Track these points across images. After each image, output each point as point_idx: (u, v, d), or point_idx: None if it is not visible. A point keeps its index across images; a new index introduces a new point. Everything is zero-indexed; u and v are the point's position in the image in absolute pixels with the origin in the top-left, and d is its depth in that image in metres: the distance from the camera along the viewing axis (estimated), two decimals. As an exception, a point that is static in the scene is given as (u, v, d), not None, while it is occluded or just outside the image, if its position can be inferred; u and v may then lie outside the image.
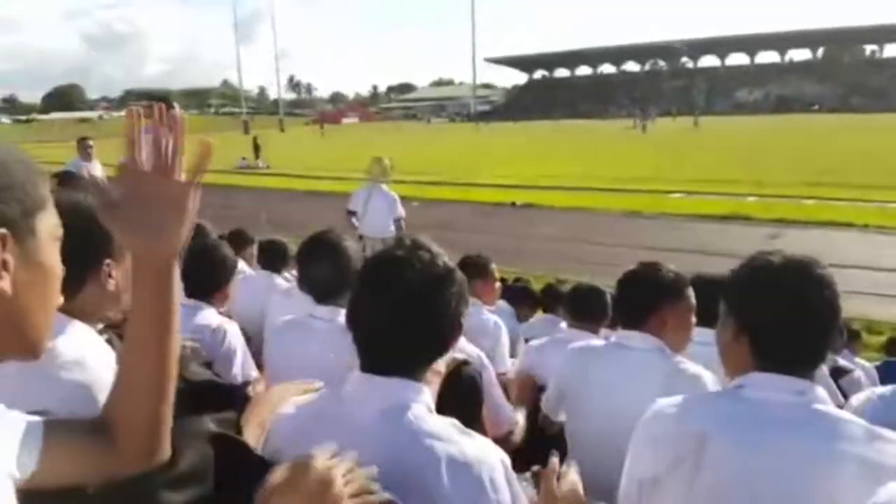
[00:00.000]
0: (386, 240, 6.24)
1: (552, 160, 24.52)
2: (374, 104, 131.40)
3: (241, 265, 3.43)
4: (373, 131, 59.50)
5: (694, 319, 2.07)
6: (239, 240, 4.09)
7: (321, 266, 2.08)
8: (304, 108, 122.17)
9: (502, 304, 3.99)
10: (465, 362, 2.01)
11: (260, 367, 2.42)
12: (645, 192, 15.37)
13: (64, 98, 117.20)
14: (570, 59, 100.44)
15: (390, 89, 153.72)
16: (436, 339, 1.18)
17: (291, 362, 2.04)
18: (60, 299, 0.81)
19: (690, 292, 2.05)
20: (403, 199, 7.01)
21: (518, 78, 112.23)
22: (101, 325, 1.37)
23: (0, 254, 0.68)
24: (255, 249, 4.12)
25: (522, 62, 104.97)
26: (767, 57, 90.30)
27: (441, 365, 1.30)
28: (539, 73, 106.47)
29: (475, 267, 2.96)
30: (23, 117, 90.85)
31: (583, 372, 2.10)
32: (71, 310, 1.16)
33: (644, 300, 2.02)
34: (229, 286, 2.53)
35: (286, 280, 3.59)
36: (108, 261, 1.33)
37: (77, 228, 0.87)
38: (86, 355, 1.26)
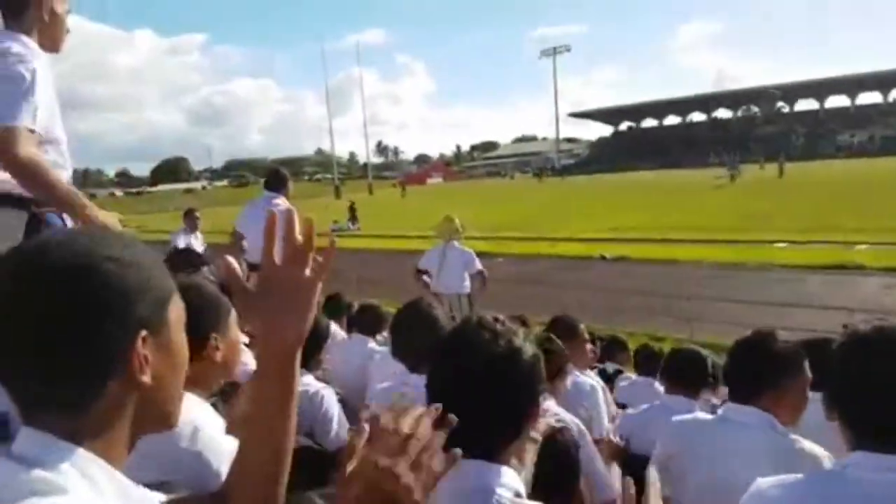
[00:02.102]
0: (462, 296, 6.27)
1: (641, 211, 23.97)
2: (457, 163, 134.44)
3: (334, 328, 3.53)
4: (456, 190, 60.72)
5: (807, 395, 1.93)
6: (335, 305, 4.22)
7: (413, 336, 2.12)
8: (391, 170, 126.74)
9: None
10: (560, 430, 1.96)
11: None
12: (743, 243, 14.63)
13: (170, 170, 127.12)
14: (658, 108, 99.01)
15: (473, 148, 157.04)
16: (508, 420, 1.17)
17: None
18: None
19: (807, 365, 1.92)
20: (486, 255, 7.06)
21: (603, 130, 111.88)
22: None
23: (140, 351, 0.76)
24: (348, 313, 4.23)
25: (607, 114, 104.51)
26: (869, 98, 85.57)
27: (534, 435, 1.27)
28: (625, 125, 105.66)
29: (563, 329, 2.90)
30: (134, 190, 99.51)
31: (688, 445, 2.00)
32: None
33: (760, 375, 1.90)
34: (323, 351, 2.61)
35: (379, 343, 3.66)
36: (214, 335, 1.42)
37: (188, 306, 0.94)
38: (199, 426, 1.33)
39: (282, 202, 5.26)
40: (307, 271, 0.87)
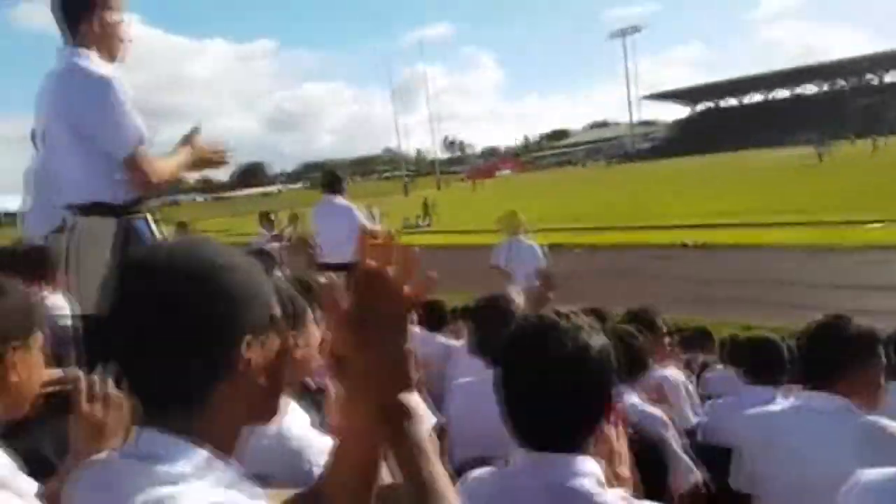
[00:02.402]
0: (533, 290, 6.23)
1: (723, 196, 22.93)
2: (526, 154, 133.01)
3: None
4: (525, 181, 60.10)
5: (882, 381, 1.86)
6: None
7: (491, 331, 2.14)
8: (458, 165, 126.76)
9: None
10: (642, 428, 1.95)
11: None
12: (834, 225, 13.77)
13: (249, 175, 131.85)
14: (740, 86, 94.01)
15: (543, 137, 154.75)
16: (582, 413, 1.18)
17: (471, 424, 2.11)
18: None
19: (882, 350, 1.85)
20: (562, 246, 6.98)
21: (681, 112, 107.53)
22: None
23: (250, 352, 0.82)
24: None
25: (685, 95, 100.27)
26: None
27: (611, 431, 1.28)
28: (704, 105, 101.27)
29: (640, 322, 2.86)
30: (215, 195, 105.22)
31: (765, 438, 1.94)
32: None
33: (833, 361, 1.84)
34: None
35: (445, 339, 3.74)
36: (293, 333, 1.51)
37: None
38: (289, 421, 1.41)
39: (342, 200, 5.63)
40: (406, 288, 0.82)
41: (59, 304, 2.55)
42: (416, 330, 3.98)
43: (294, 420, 1.45)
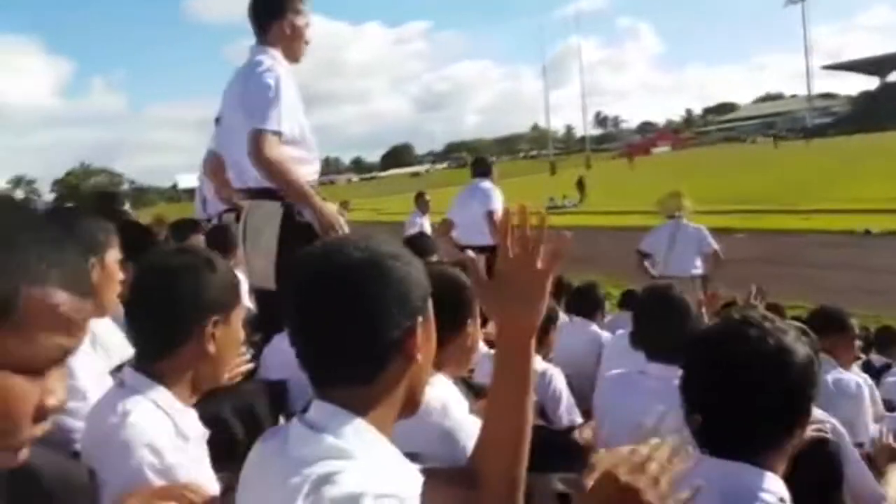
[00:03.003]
0: (694, 279, 5.79)
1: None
2: (688, 129, 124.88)
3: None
4: (686, 158, 56.48)
5: None
6: (556, 287, 4.23)
7: (660, 323, 2.04)
8: (611, 142, 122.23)
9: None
10: (822, 439, 1.77)
11: (587, 414, 2.46)
12: None
13: (397, 155, 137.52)
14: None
15: (707, 111, 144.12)
16: (774, 424, 1.13)
17: (619, 416, 2.03)
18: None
19: None
20: (725, 231, 6.43)
21: (865, 84, 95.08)
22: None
23: (417, 335, 0.89)
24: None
25: (870, 65, 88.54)
26: None
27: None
28: (893, 77, 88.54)
29: (829, 320, 2.59)
30: (366, 175, 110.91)
31: None
32: (437, 363, 1.35)
33: None
34: (551, 334, 2.66)
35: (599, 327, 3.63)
36: (469, 319, 1.52)
37: (445, 295, 1.04)
38: (447, 402, 1.44)
39: (488, 184, 5.67)
40: (539, 263, 0.95)
41: (233, 271, 2.81)
42: (566, 318, 3.91)
43: (453, 401, 1.48)
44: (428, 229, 8.23)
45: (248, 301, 2.68)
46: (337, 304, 0.85)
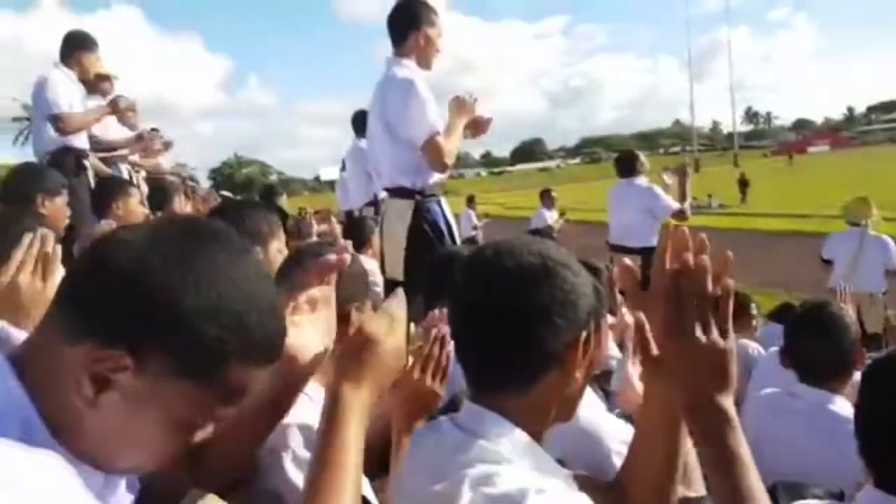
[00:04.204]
0: (876, 296, 5.15)
1: None
2: (849, 128, 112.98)
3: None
4: (847, 159, 50.98)
5: None
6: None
7: (813, 344, 1.87)
8: (761, 139, 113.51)
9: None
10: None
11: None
12: None
13: (528, 151, 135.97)
14: None
15: (871, 109, 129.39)
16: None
17: (766, 439, 1.87)
18: None
19: None
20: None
21: None
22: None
23: (580, 349, 0.86)
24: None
25: None
26: None
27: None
28: None
29: None
30: (496, 170, 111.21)
31: None
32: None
33: None
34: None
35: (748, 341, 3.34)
36: (601, 321, 1.45)
37: None
38: (590, 408, 1.38)
39: (641, 181, 5.21)
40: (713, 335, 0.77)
41: (373, 268, 2.97)
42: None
43: (594, 406, 1.44)
44: (554, 224, 8.20)
45: (380, 290, 2.81)
46: (503, 309, 0.83)
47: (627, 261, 0.88)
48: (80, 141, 4.05)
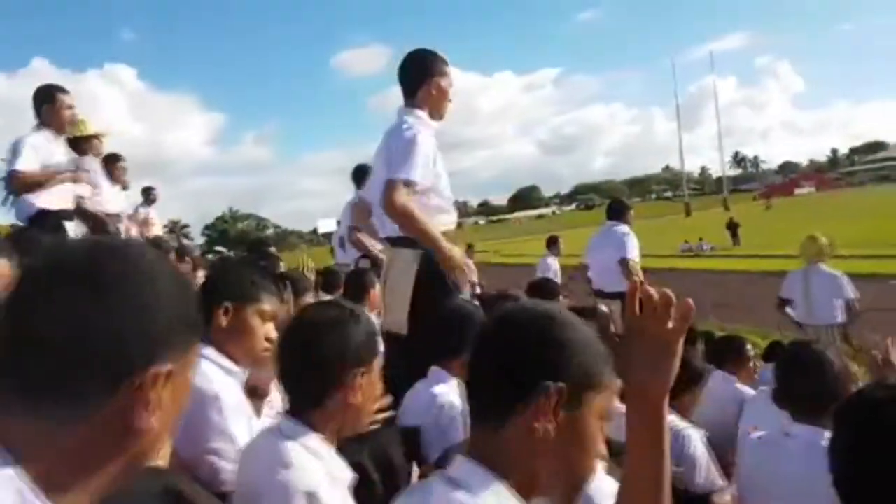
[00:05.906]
0: (833, 328, 5.25)
1: None
2: (833, 169, 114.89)
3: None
4: (831, 200, 51.71)
5: None
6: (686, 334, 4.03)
7: (802, 382, 1.91)
8: (747, 182, 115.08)
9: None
10: None
11: (730, 474, 2.32)
12: None
13: (524, 198, 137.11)
14: None
15: (853, 151, 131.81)
16: None
17: (763, 481, 1.93)
18: None
19: None
20: (877, 277, 5.73)
21: None
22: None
23: (553, 399, 0.90)
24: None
25: None
26: None
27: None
28: None
29: None
30: (494, 217, 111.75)
31: None
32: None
33: None
34: (690, 395, 2.53)
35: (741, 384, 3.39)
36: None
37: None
38: None
39: (623, 228, 5.53)
40: (669, 324, 0.94)
41: (373, 322, 2.96)
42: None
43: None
44: (558, 272, 8.20)
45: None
46: (503, 357, 0.92)
47: (602, 307, 0.98)
48: (61, 202, 3.95)
